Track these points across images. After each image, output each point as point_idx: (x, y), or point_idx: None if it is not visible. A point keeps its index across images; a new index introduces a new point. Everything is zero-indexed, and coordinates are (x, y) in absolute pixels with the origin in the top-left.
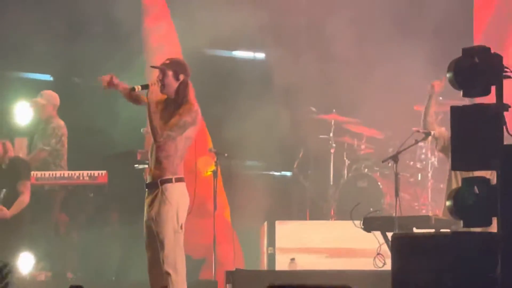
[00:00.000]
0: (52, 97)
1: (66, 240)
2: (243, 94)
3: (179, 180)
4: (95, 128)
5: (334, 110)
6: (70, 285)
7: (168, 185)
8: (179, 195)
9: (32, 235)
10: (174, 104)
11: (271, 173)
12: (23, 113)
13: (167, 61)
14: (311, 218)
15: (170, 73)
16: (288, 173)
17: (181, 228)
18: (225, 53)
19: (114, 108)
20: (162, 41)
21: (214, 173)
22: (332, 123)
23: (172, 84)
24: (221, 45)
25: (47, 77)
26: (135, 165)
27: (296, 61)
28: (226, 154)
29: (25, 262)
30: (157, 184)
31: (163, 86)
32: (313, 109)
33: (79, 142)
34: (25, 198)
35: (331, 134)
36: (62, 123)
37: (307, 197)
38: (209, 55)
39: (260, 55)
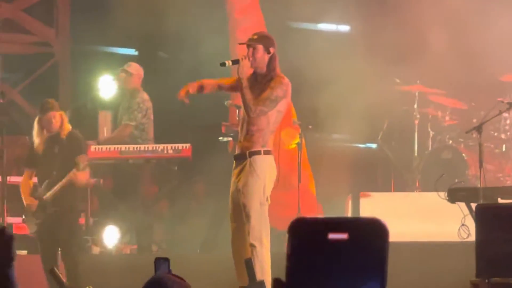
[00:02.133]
0: (137, 68)
1: (151, 213)
2: (327, 66)
3: (267, 152)
4: (179, 102)
5: (418, 81)
6: (156, 258)
7: (257, 157)
8: (267, 167)
9: (117, 208)
10: (264, 78)
11: (355, 145)
12: (107, 86)
13: (255, 36)
14: (396, 190)
15: (260, 47)
16: (373, 145)
17: (267, 200)
18: (308, 25)
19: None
20: (246, 13)
21: (299, 145)
22: (416, 94)
23: (264, 58)
24: (304, 18)
25: (132, 51)
26: (220, 138)
27: (380, 32)
28: (310, 126)
29: (110, 236)
30: (245, 156)
31: (254, 61)
32: (397, 80)
33: (164, 115)
34: (86, 169)
35: (415, 106)
36: (146, 96)
37: (392, 168)
38: (292, 28)
39: (344, 27)
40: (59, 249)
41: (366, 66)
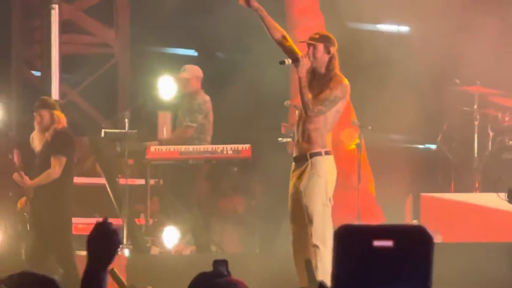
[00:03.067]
0: (195, 70)
1: (210, 213)
2: (387, 67)
3: (328, 153)
4: (239, 102)
5: (478, 82)
6: (214, 260)
7: (318, 158)
8: (328, 168)
9: (176, 209)
10: (323, 78)
11: (415, 146)
12: (166, 87)
13: (316, 36)
14: (456, 191)
15: (321, 47)
16: (432, 146)
17: (330, 201)
18: (368, 26)
19: (257, 81)
20: (305, 13)
21: (358, 146)
22: (476, 95)
23: (324, 58)
24: (364, 18)
25: (192, 52)
26: (279, 139)
27: (440, 32)
28: (370, 127)
29: (170, 236)
30: (306, 157)
31: (314, 60)
32: (457, 81)
33: (223, 116)
34: (53, 173)
35: (475, 106)
36: (207, 98)
37: (452, 169)
38: (351, 28)
39: (404, 28)
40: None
41: (426, 67)
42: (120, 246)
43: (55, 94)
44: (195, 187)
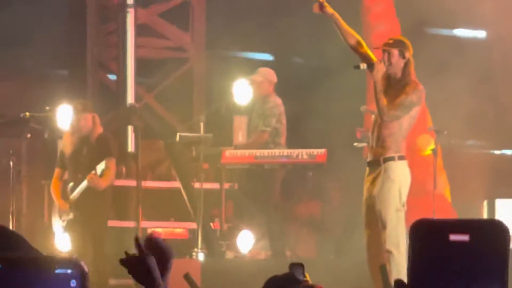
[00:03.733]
0: (268, 73)
1: (285, 218)
2: (463, 72)
3: (401, 158)
4: (315, 107)
5: None
6: (291, 263)
7: (391, 163)
8: (401, 173)
9: (251, 214)
10: (398, 83)
11: (491, 151)
12: (242, 91)
13: (391, 41)
14: None
15: (395, 52)
16: (508, 151)
17: (404, 206)
18: (445, 31)
19: (333, 86)
20: (381, 18)
21: (434, 151)
22: None
23: (399, 63)
24: (441, 23)
25: (268, 57)
26: (354, 144)
27: None
28: (445, 132)
29: (245, 241)
30: (379, 162)
31: (389, 65)
32: None
33: (298, 120)
34: (111, 174)
35: None
36: (279, 100)
37: None
38: (428, 34)
39: (481, 33)
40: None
41: (503, 72)
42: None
43: (130, 97)
44: (271, 192)
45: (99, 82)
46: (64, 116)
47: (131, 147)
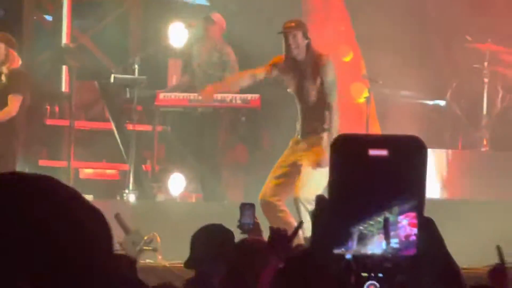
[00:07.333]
0: (221, 18)
1: (217, 162)
2: (398, 22)
3: None
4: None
5: (489, 40)
6: (242, 203)
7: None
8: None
9: (183, 157)
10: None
11: (424, 102)
12: (178, 34)
13: (293, 23)
14: (463, 148)
15: (299, 34)
16: (441, 102)
17: None
18: None
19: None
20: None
21: (367, 99)
22: (487, 52)
23: (303, 44)
24: None
25: (203, 1)
26: (288, 90)
27: None
28: (380, 82)
29: (176, 184)
30: None
31: (296, 48)
32: (468, 38)
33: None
34: (10, 110)
35: (485, 64)
36: (230, 50)
37: (460, 126)
38: None
39: None
40: None
41: (437, 23)
42: None
43: (65, 37)
44: (203, 136)
45: (35, 22)
46: None
47: (65, 87)
